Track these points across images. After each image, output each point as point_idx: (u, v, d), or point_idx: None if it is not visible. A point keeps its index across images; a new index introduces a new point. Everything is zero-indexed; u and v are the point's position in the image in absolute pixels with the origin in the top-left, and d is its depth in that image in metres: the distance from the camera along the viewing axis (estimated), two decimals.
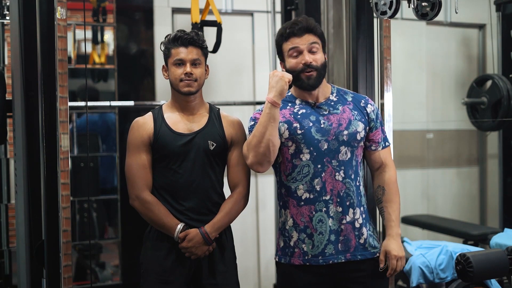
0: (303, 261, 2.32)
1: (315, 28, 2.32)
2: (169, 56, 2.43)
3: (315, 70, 2.30)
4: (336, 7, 3.39)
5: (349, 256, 2.32)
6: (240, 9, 4.66)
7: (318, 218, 2.30)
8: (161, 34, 4.39)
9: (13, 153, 2.72)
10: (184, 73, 2.39)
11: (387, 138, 2.45)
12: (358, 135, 2.33)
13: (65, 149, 2.53)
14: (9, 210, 3.89)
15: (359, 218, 2.33)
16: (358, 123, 2.34)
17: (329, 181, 2.30)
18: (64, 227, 2.52)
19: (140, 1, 4.46)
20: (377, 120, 2.40)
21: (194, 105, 2.47)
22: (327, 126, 2.31)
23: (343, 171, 2.31)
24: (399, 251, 2.32)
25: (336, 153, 2.30)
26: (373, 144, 2.40)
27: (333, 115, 2.34)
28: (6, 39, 3.88)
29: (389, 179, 2.40)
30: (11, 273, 3.88)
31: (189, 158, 2.41)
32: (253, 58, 4.71)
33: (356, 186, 2.34)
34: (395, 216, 2.36)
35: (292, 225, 2.33)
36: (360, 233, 2.33)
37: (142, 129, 2.43)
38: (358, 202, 2.34)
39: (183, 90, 2.41)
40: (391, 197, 2.38)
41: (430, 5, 2.60)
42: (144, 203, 2.40)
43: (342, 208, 2.30)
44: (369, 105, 2.41)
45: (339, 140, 2.31)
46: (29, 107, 2.63)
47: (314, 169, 2.30)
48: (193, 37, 2.42)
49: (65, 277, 2.53)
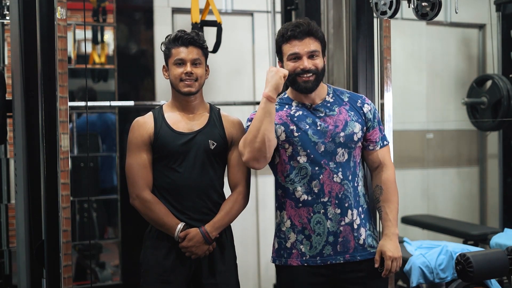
0: (301, 261, 2.31)
1: (316, 31, 2.31)
2: (170, 56, 2.43)
3: (314, 74, 2.30)
4: (336, 7, 3.39)
5: (348, 257, 2.32)
6: (240, 9, 4.66)
7: (316, 220, 2.30)
8: (161, 34, 4.39)
9: (13, 153, 2.72)
10: (184, 72, 2.39)
11: (385, 137, 2.44)
12: (355, 136, 2.32)
13: (65, 149, 2.53)
14: (9, 210, 3.89)
15: (356, 219, 2.32)
16: (355, 124, 2.33)
17: (327, 183, 2.29)
18: (64, 227, 2.52)
19: (140, 1, 4.46)
20: (374, 119, 2.39)
21: (194, 105, 2.48)
22: (323, 128, 2.31)
23: (341, 173, 2.30)
24: (395, 251, 2.30)
25: (333, 155, 2.30)
26: (370, 144, 2.39)
27: (329, 116, 2.33)
28: (6, 39, 3.88)
29: (386, 178, 2.38)
30: (11, 273, 3.87)
31: (190, 158, 2.41)
32: (253, 58, 4.71)
33: (354, 187, 2.33)
34: (393, 216, 2.35)
35: (290, 227, 2.33)
36: (358, 233, 2.32)
37: (143, 129, 2.43)
38: (356, 203, 2.33)
39: (183, 90, 2.41)
40: (389, 197, 2.37)
41: (430, 5, 2.60)
42: (144, 202, 2.40)
43: (340, 209, 2.30)
44: (365, 104, 2.39)
45: (335, 142, 2.30)
46: (29, 107, 2.63)
47: (312, 171, 2.29)
48: (193, 37, 2.42)
49: (65, 277, 2.53)
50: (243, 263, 2.91)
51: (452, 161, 5.40)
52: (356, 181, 2.34)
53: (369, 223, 2.39)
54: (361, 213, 2.35)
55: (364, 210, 2.37)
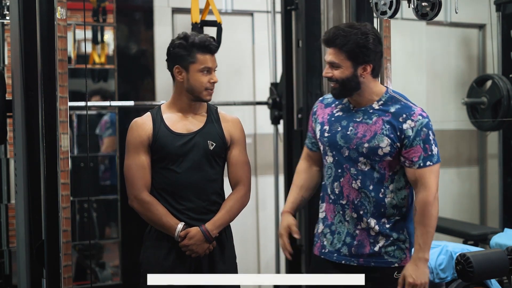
0: (320, 253, 2.39)
1: (337, 43, 2.23)
2: (194, 61, 2.38)
3: (336, 83, 2.28)
4: (336, 7, 3.38)
5: (362, 262, 2.31)
6: (240, 9, 4.66)
7: (338, 219, 2.34)
8: (161, 34, 4.39)
9: (13, 153, 2.72)
10: (211, 81, 2.40)
11: (431, 158, 2.25)
12: (379, 151, 2.25)
13: (65, 149, 2.53)
14: (9, 210, 3.89)
15: (375, 227, 2.29)
16: (383, 138, 2.24)
17: (346, 187, 2.30)
18: (64, 227, 2.53)
19: (140, 1, 4.46)
20: (417, 137, 2.23)
21: (197, 106, 2.48)
22: (352, 134, 2.29)
23: (360, 181, 2.28)
24: (417, 277, 2.22)
25: (355, 162, 2.28)
26: (407, 161, 2.26)
27: (364, 124, 2.28)
28: (6, 39, 3.88)
29: (422, 200, 2.25)
30: (11, 273, 3.87)
31: (189, 158, 2.41)
32: (253, 58, 4.71)
33: (377, 197, 2.28)
34: (423, 241, 2.24)
35: (323, 217, 2.40)
36: (375, 241, 2.30)
37: (141, 130, 2.43)
38: (378, 212, 2.29)
39: (206, 98, 2.42)
40: (421, 219, 2.25)
41: (430, 5, 2.60)
42: (142, 203, 2.40)
43: (357, 214, 2.30)
44: (409, 121, 2.24)
45: (358, 151, 2.27)
46: (29, 107, 2.63)
47: (335, 173, 2.33)
48: (216, 46, 2.43)
49: (65, 277, 2.53)
50: (243, 263, 2.91)
51: (452, 161, 5.40)
52: (382, 192, 2.29)
53: (399, 233, 2.33)
54: (387, 223, 2.30)
55: (391, 221, 2.31)
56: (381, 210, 2.29)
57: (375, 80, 2.33)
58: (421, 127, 2.24)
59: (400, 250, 2.33)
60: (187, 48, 2.38)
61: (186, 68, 2.40)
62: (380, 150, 2.25)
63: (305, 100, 3.66)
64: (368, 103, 2.31)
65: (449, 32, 5.33)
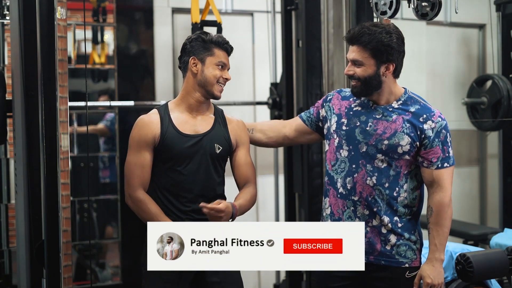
0: None
1: (362, 38, 2.23)
2: (212, 54, 2.44)
3: (358, 81, 2.28)
4: (336, 7, 3.39)
5: (372, 259, 2.32)
6: (240, 9, 4.66)
7: (348, 215, 2.33)
8: (161, 34, 4.39)
9: (13, 153, 2.72)
10: (223, 77, 2.45)
11: (448, 159, 2.30)
12: (399, 148, 2.26)
13: (65, 149, 2.53)
14: (9, 210, 3.89)
15: (387, 225, 2.30)
16: (404, 137, 2.26)
17: (360, 183, 2.29)
18: (64, 227, 2.52)
19: (140, 1, 4.45)
20: (436, 138, 2.28)
21: (204, 106, 2.48)
22: (372, 130, 2.29)
23: (376, 178, 2.28)
24: (435, 278, 2.27)
25: (372, 159, 2.28)
26: (425, 161, 2.29)
27: (383, 121, 2.29)
28: (6, 39, 3.88)
29: (439, 201, 2.31)
30: (11, 273, 3.87)
31: (195, 161, 2.40)
32: (253, 58, 4.71)
33: (391, 196, 2.29)
34: (439, 241, 2.30)
35: (329, 214, 2.37)
36: (386, 239, 2.31)
37: (148, 128, 2.41)
38: (391, 211, 2.30)
39: (216, 93, 2.44)
40: (438, 220, 2.31)
41: (430, 5, 2.61)
42: (136, 202, 2.39)
43: (369, 211, 2.30)
44: (429, 121, 2.29)
45: (377, 148, 2.27)
46: (29, 107, 2.62)
47: (348, 168, 2.31)
48: (232, 48, 2.51)
49: (65, 277, 2.53)
50: None
51: None
52: (396, 190, 2.30)
53: (411, 233, 2.35)
54: (398, 222, 2.31)
55: (403, 220, 2.33)
56: (393, 208, 2.30)
57: (395, 81, 2.36)
58: (440, 128, 2.30)
59: (412, 250, 2.34)
60: (206, 42, 2.45)
61: (202, 60, 2.43)
62: (400, 148, 2.26)
63: (305, 100, 3.66)
64: (387, 103, 2.33)
65: (449, 32, 5.33)
